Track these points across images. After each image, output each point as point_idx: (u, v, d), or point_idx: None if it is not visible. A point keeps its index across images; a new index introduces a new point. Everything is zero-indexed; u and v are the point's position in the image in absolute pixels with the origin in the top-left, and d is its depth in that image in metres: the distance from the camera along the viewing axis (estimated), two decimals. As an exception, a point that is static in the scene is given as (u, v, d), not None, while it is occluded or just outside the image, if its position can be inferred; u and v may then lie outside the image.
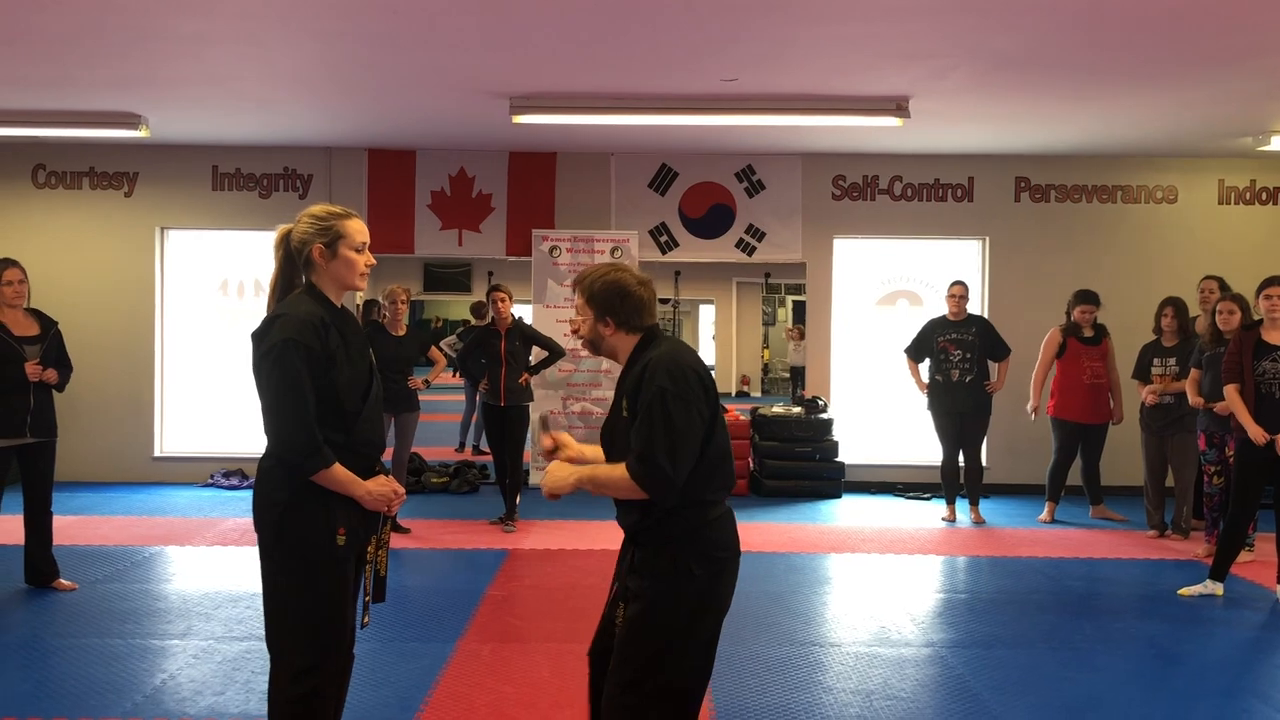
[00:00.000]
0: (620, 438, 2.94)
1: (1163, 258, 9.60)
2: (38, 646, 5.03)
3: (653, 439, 2.79)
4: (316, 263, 3.04)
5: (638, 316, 3.00)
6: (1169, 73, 6.66)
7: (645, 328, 3.02)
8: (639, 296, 2.99)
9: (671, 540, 2.89)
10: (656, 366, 2.87)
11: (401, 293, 7.71)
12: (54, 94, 7.49)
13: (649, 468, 2.79)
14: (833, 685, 4.64)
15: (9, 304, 5.76)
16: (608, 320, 2.99)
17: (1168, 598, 6.13)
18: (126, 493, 9.15)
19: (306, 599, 2.95)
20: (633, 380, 2.91)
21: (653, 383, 2.84)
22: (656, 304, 3.06)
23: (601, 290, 2.98)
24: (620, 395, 2.99)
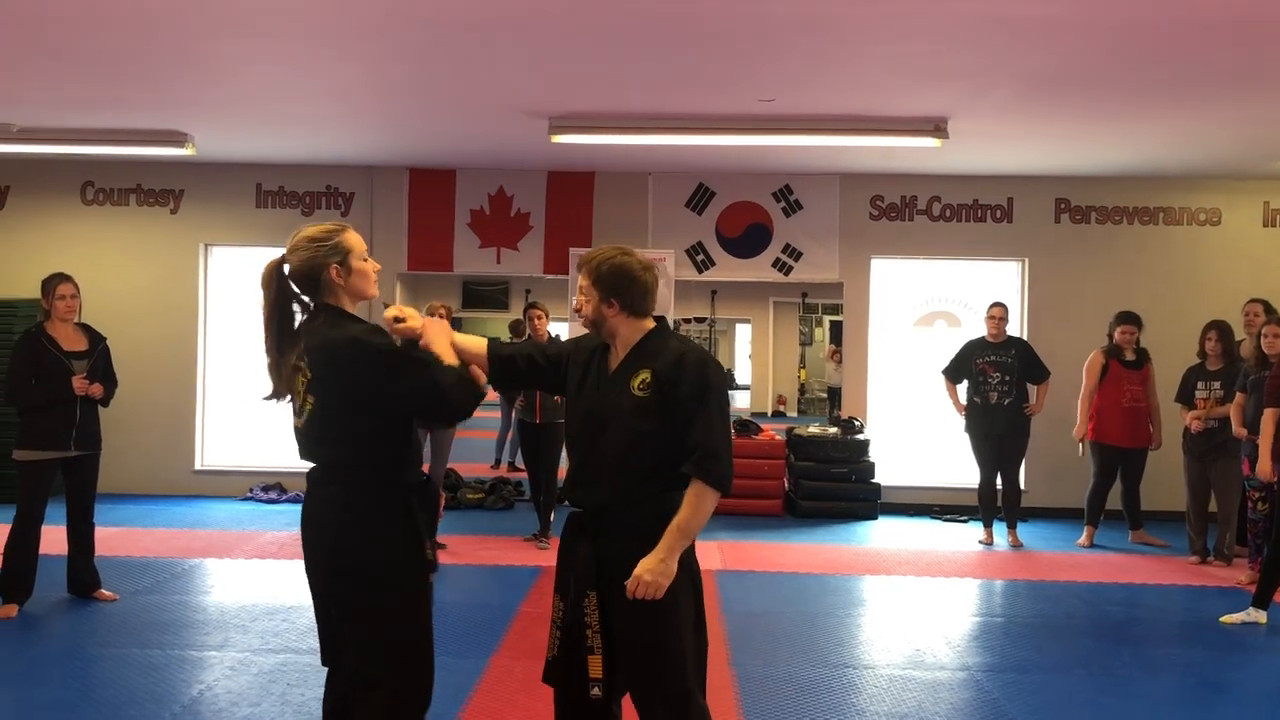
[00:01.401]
0: (621, 418, 2.96)
1: (1206, 280, 9.48)
2: (79, 655, 5.11)
3: (716, 437, 2.90)
4: (334, 283, 2.98)
5: (642, 302, 3.06)
6: (1211, 92, 6.60)
7: (650, 314, 3.10)
8: (645, 282, 3.06)
9: (656, 522, 2.88)
10: (704, 360, 2.98)
11: (441, 308, 7.77)
12: (103, 113, 7.64)
13: (721, 465, 2.89)
14: (866, 708, 4.61)
15: (61, 318, 5.88)
16: (612, 302, 3.02)
17: (1209, 625, 6.03)
18: (167, 505, 9.28)
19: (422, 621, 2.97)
20: (667, 365, 2.95)
21: (703, 378, 2.93)
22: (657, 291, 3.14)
23: (609, 272, 3.02)
24: (629, 374, 2.99)
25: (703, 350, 3.03)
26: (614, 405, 3.00)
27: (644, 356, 3.01)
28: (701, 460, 2.87)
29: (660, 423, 2.93)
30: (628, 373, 3.00)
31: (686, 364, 2.94)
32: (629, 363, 3.02)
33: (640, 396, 2.95)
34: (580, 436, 3.07)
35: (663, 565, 2.84)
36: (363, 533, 2.88)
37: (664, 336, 3.06)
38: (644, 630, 2.90)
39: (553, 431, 7.79)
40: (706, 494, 2.88)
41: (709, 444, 2.88)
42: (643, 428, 2.94)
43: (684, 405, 2.90)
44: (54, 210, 9.84)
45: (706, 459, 2.87)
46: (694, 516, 2.88)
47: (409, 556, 2.94)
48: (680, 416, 2.91)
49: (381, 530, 2.90)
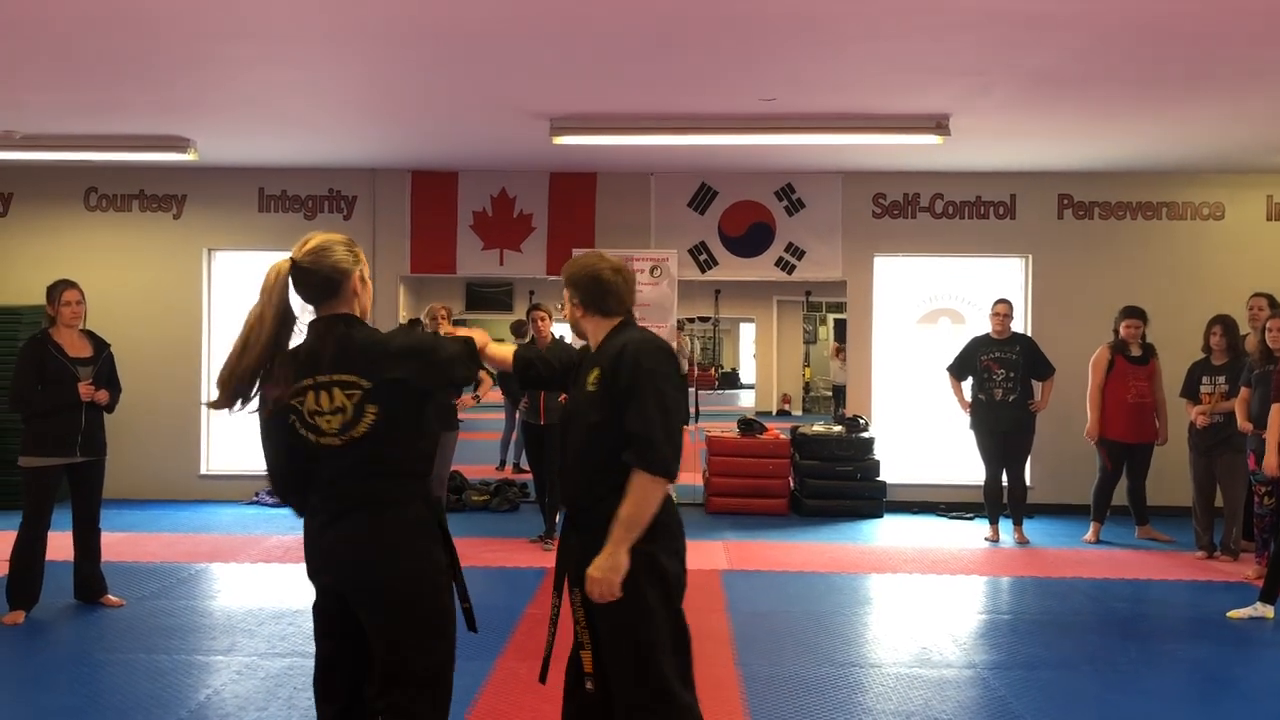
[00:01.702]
0: (580, 415, 3.07)
1: (1210, 275, 9.46)
2: (86, 661, 5.12)
3: (652, 422, 2.89)
4: (356, 291, 2.92)
5: (606, 300, 3.16)
6: (1214, 86, 6.59)
7: (618, 313, 3.17)
8: (612, 283, 3.15)
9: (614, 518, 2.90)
10: (640, 348, 2.99)
11: (442, 310, 7.80)
12: (105, 119, 7.66)
13: (658, 451, 2.88)
14: (873, 706, 4.60)
15: (66, 324, 5.89)
16: (583, 304, 3.17)
17: (1216, 620, 6.02)
18: (173, 510, 9.29)
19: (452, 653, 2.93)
20: (608, 358, 3.02)
21: (639, 365, 2.95)
22: (632, 292, 3.21)
23: (580, 277, 3.17)
24: (587, 370, 3.09)
25: (647, 340, 3.05)
26: (575, 403, 3.14)
27: (599, 353, 3.10)
28: (638, 448, 2.87)
29: (608, 416, 2.96)
30: (586, 370, 3.10)
31: (625, 355, 2.98)
32: (589, 361, 3.14)
33: (591, 392, 3.02)
34: (559, 436, 3.24)
35: (610, 560, 2.85)
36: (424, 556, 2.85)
37: (619, 331, 3.12)
38: (614, 628, 2.94)
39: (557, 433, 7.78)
40: (647, 482, 2.86)
41: (644, 431, 2.88)
42: (593, 422, 3.00)
43: (623, 395, 2.94)
44: (57, 217, 9.85)
45: (643, 446, 2.87)
46: (637, 507, 2.87)
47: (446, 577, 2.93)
48: (622, 404, 2.94)
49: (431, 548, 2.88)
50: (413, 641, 2.81)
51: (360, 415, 2.76)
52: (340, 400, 2.77)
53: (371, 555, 2.79)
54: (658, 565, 2.95)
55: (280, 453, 2.90)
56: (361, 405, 2.76)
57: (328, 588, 2.89)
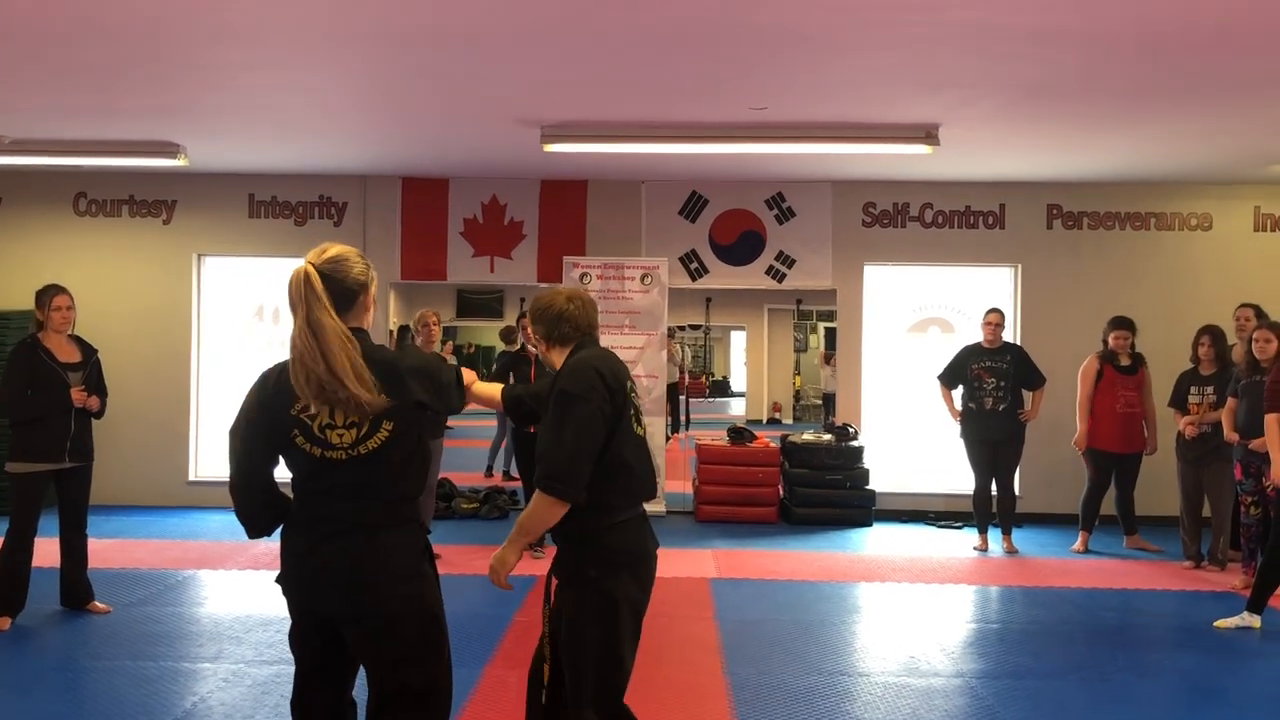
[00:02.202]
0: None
1: (1197, 285, 9.51)
2: (72, 668, 5.10)
3: (550, 442, 3.00)
4: (368, 305, 2.91)
5: (562, 329, 3.26)
6: (1202, 98, 6.62)
7: (574, 338, 3.25)
8: (565, 310, 3.25)
9: (573, 542, 3.08)
10: (563, 371, 3.12)
11: (432, 316, 7.78)
12: (95, 124, 7.64)
13: (549, 470, 2.96)
14: (861, 715, 4.60)
15: (56, 330, 5.87)
16: (540, 336, 3.30)
17: (1203, 630, 6.04)
18: (161, 516, 9.25)
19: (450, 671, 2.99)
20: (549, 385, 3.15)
21: (556, 384, 3.08)
22: (591, 315, 3.29)
23: (537, 313, 3.30)
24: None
25: (580, 359, 3.13)
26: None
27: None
28: (538, 467, 3.00)
29: None
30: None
31: (556, 378, 3.12)
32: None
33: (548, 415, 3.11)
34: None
35: (500, 553, 3.07)
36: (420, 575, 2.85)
37: (571, 356, 3.21)
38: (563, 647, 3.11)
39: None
40: (535, 498, 3.00)
41: (541, 449, 3.02)
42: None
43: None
44: (46, 221, 9.82)
45: (540, 465, 2.99)
46: (528, 515, 3.03)
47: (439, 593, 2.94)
48: None
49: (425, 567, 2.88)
50: (413, 659, 2.80)
51: (375, 431, 2.72)
52: (356, 415, 2.71)
53: (369, 575, 2.74)
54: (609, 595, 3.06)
55: (262, 463, 2.84)
56: (378, 421, 2.72)
57: (309, 612, 2.83)
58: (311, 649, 2.89)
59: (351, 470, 2.73)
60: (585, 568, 3.04)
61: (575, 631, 3.06)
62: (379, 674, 2.81)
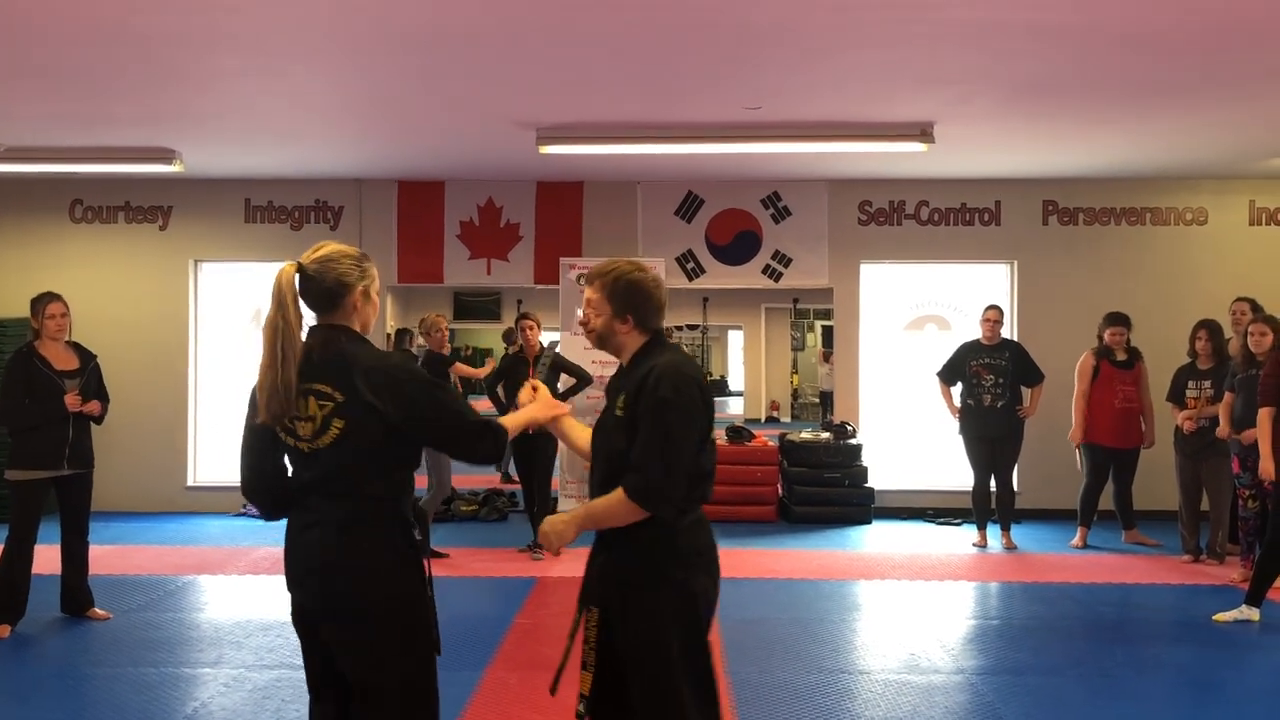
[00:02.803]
0: (608, 436, 2.96)
1: (1193, 280, 9.52)
2: (73, 675, 5.10)
3: (650, 452, 2.80)
4: (356, 306, 2.89)
5: (654, 318, 3.02)
6: (1197, 93, 6.64)
7: (654, 330, 3.04)
8: (658, 298, 3.03)
9: (641, 543, 2.87)
10: (662, 375, 2.86)
11: (442, 320, 7.92)
12: (90, 130, 7.64)
13: (648, 482, 2.79)
14: (861, 713, 4.61)
15: (51, 337, 5.86)
16: (627, 318, 2.98)
17: (1203, 623, 6.05)
18: (160, 522, 9.25)
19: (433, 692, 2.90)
20: (634, 383, 2.90)
21: (655, 393, 2.83)
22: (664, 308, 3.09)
23: (625, 288, 2.98)
24: (615, 393, 2.98)
25: (669, 364, 2.90)
26: (605, 423, 3.00)
27: (630, 374, 2.97)
28: (631, 475, 2.81)
29: (629, 442, 2.86)
30: (616, 391, 2.99)
31: (648, 382, 2.85)
32: (619, 380, 3.02)
33: (619, 416, 2.90)
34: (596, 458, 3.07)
35: (561, 525, 2.93)
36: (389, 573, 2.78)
37: (650, 351, 2.99)
38: (633, 652, 2.88)
39: (546, 442, 7.79)
40: (618, 499, 2.82)
41: (640, 457, 2.81)
42: (617, 447, 2.90)
43: (639, 418, 2.84)
44: (43, 229, 9.83)
45: (636, 473, 2.80)
46: (603, 508, 2.88)
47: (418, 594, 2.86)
48: (635, 430, 2.85)
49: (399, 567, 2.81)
50: (382, 658, 2.78)
51: (327, 428, 2.73)
52: (314, 409, 2.74)
53: (338, 570, 2.74)
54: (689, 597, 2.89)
55: (256, 451, 2.88)
56: (330, 418, 2.73)
57: (297, 605, 2.89)
58: (313, 659, 2.90)
59: (319, 465, 2.76)
60: (663, 568, 2.86)
61: (654, 638, 2.85)
62: (350, 671, 2.82)
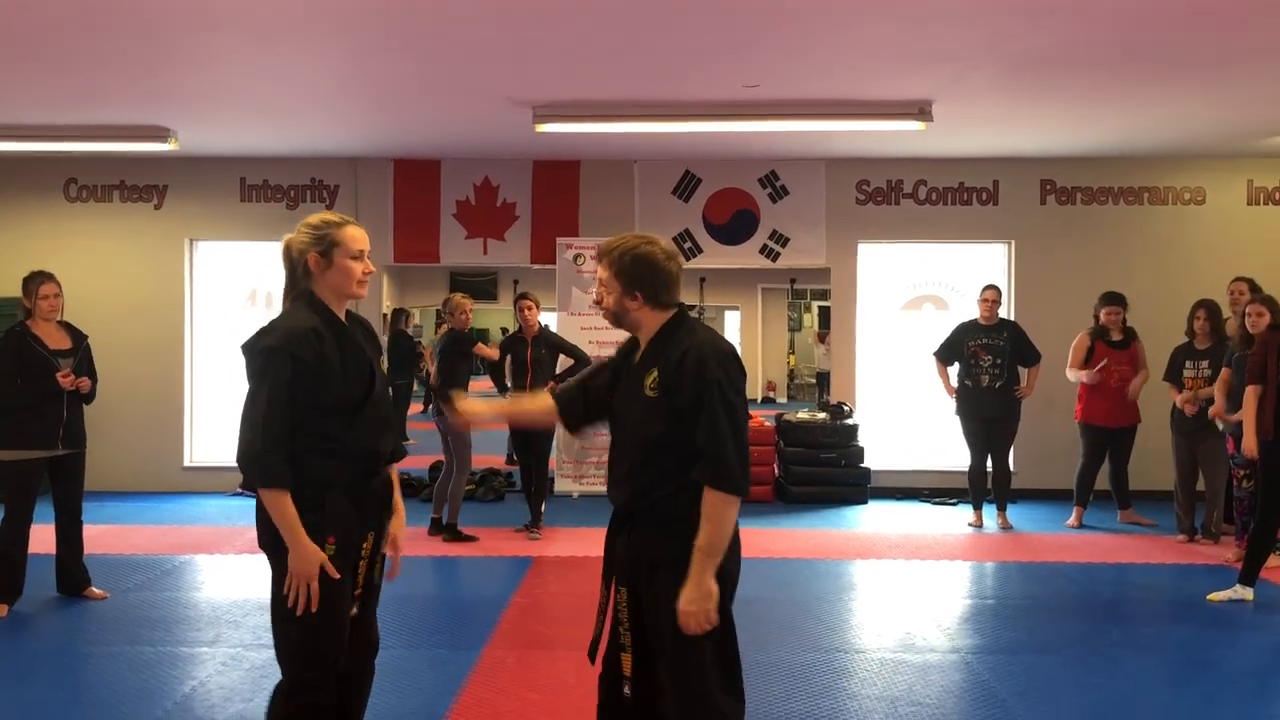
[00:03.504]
0: (638, 419, 2.89)
1: (1191, 259, 9.51)
2: (70, 654, 5.11)
3: (722, 437, 2.74)
4: (313, 272, 3.01)
5: (667, 292, 2.93)
6: (1196, 72, 6.61)
7: (674, 304, 2.96)
8: (669, 271, 2.93)
9: (672, 524, 2.81)
10: (706, 356, 2.80)
11: (467, 302, 7.87)
12: (84, 109, 7.60)
13: (730, 468, 2.74)
14: (857, 692, 4.63)
15: (44, 317, 5.85)
16: (636, 294, 2.91)
17: (1197, 603, 6.07)
18: (156, 502, 9.25)
19: (301, 615, 2.90)
20: (670, 364, 2.82)
21: (704, 375, 2.77)
22: (682, 279, 2.99)
23: (632, 263, 2.90)
24: (641, 372, 2.90)
25: (708, 343, 2.85)
26: (631, 404, 2.92)
27: (656, 353, 2.89)
28: (709, 466, 2.74)
29: (669, 424, 2.81)
30: (643, 370, 2.90)
31: (686, 363, 2.79)
32: (645, 359, 2.93)
33: (650, 397, 2.84)
34: (612, 434, 3.02)
35: (699, 590, 2.74)
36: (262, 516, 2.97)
37: (676, 329, 2.92)
38: (667, 633, 2.82)
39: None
40: (720, 502, 2.74)
41: (713, 447, 2.74)
42: (654, 430, 2.84)
43: (688, 407, 2.77)
44: (37, 208, 9.78)
45: (715, 464, 2.74)
46: (715, 531, 2.75)
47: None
48: (686, 418, 2.78)
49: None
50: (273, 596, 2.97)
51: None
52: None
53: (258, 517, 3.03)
54: (728, 574, 2.88)
55: None
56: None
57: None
58: None
59: None
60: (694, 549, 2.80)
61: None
62: None
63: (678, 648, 2.82)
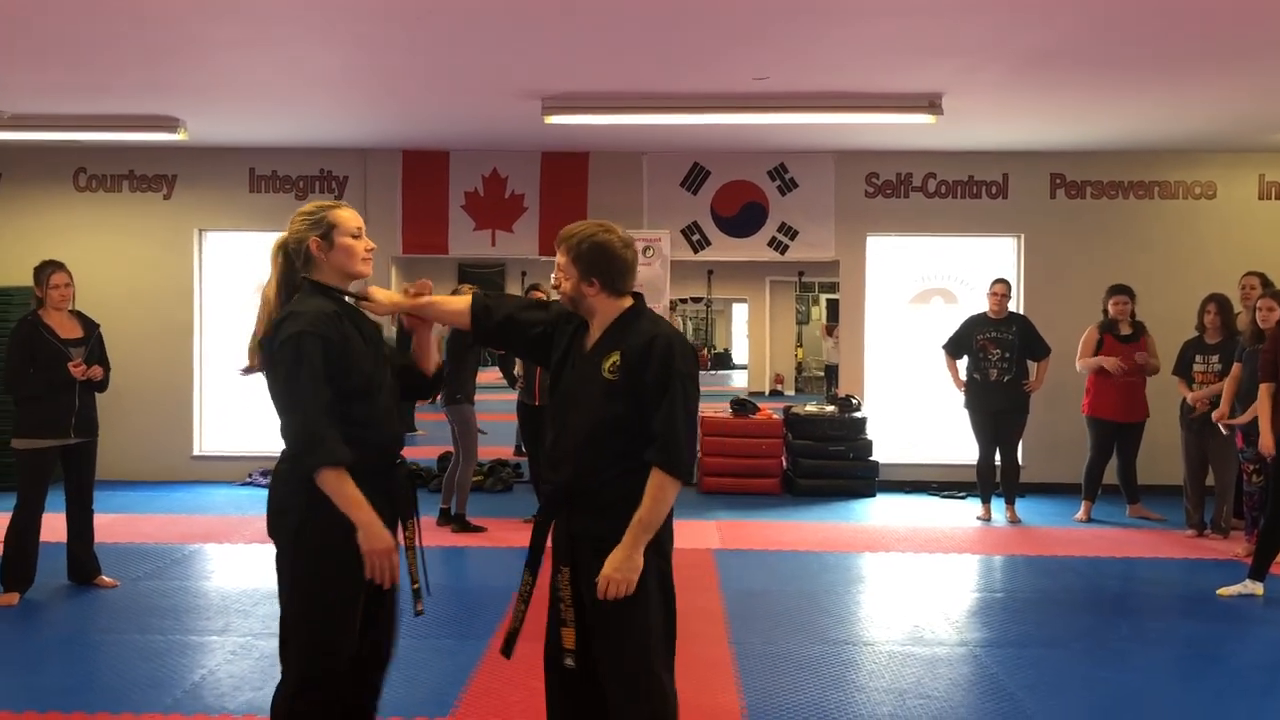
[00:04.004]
0: (594, 399, 2.94)
1: (1202, 254, 9.47)
2: (80, 642, 5.13)
3: (678, 426, 2.87)
4: (316, 257, 3.01)
5: (622, 280, 3.00)
6: (1206, 66, 6.58)
7: (629, 292, 3.04)
8: (625, 259, 3.00)
9: (625, 499, 2.88)
10: (674, 347, 2.92)
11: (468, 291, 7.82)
12: (93, 99, 7.60)
13: (682, 454, 2.87)
14: (865, 684, 4.63)
15: (55, 307, 5.86)
16: (593, 281, 2.97)
17: (1206, 597, 6.06)
18: (166, 491, 9.28)
19: (318, 607, 2.93)
20: (634, 350, 2.91)
21: (671, 364, 2.89)
22: (637, 268, 3.09)
23: (589, 250, 2.96)
24: (601, 355, 2.96)
25: (674, 333, 2.99)
26: (585, 386, 2.98)
27: (616, 337, 2.96)
28: (663, 449, 2.85)
29: (627, 407, 2.90)
30: (600, 354, 2.97)
31: (655, 348, 2.89)
32: (603, 343, 2.99)
33: (609, 379, 2.92)
34: (555, 414, 3.08)
35: (629, 562, 2.86)
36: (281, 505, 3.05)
37: (637, 316, 3.01)
38: (608, 606, 2.90)
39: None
40: (667, 483, 2.86)
41: (671, 433, 2.86)
42: (610, 412, 2.92)
43: (650, 391, 2.88)
44: (47, 197, 9.80)
45: (669, 449, 2.85)
46: (655, 507, 2.87)
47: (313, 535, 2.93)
48: (647, 401, 2.88)
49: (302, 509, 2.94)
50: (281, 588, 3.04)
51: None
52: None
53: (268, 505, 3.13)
54: (662, 553, 2.99)
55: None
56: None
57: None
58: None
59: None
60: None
61: (643, 597, 2.90)
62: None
63: (622, 625, 2.92)
